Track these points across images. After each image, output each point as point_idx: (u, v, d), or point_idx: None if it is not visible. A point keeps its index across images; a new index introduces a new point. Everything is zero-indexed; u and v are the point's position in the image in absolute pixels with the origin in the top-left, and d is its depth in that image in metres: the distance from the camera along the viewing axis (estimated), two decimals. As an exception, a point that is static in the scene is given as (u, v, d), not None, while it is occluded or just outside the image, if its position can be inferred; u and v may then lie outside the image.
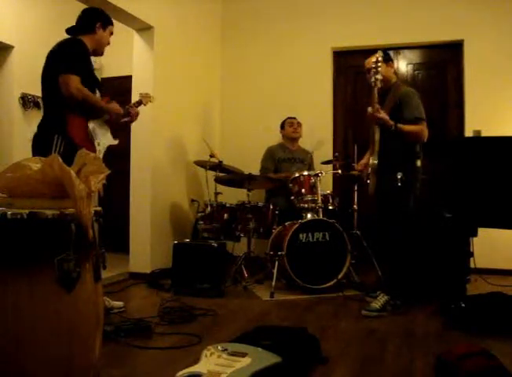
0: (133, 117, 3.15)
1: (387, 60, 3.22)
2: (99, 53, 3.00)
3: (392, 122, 3.01)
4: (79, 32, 2.86)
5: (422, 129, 3.09)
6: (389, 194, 3.09)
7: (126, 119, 3.11)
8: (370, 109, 3.08)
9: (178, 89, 4.39)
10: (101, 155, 2.88)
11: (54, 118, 2.72)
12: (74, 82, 2.64)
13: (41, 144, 2.68)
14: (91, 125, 2.84)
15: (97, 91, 2.91)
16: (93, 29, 2.88)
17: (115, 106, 2.98)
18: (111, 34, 3.01)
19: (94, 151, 2.79)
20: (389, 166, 3.05)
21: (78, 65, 2.70)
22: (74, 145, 2.61)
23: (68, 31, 2.91)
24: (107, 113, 2.93)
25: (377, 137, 3.04)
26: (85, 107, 2.75)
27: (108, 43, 3.01)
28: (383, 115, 3.02)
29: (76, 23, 2.93)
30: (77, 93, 2.65)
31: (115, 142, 3.05)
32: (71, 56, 2.71)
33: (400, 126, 3.02)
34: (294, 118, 4.74)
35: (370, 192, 3.11)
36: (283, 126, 4.76)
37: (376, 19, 4.88)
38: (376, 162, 3.02)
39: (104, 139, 2.94)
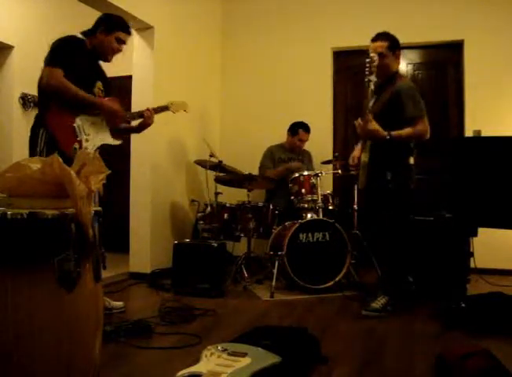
0: (147, 120, 3.09)
1: (394, 47, 3.03)
2: (103, 58, 2.94)
3: (385, 133, 2.83)
4: (85, 34, 2.88)
5: (422, 127, 2.93)
6: (378, 194, 3.00)
7: (125, 126, 3.07)
8: (359, 121, 2.88)
9: (178, 89, 4.39)
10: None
11: (40, 113, 2.74)
12: (53, 73, 2.62)
13: (31, 137, 2.70)
14: (79, 121, 2.76)
15: (100, 90, 2.88)
16: (94, 33, 2.88)
17: (107, 102, 2.86)
18: (121, 41, 2.91)
19: (80, 147, 2.71)
20: (379, 164, 2.95)
21: (61, 59, 2.66)
22: (56, 139, 2.62)
23: (82, 33, 2.92)
24: (97, 108, 2.82)
25: None
26: (70, 101, 2.69)
27: (115, 49, 2.90)
28: (375, 125, 2.83)
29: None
30: (53, 85, 2.61)
31: (116, 142, 2.96)
32: (54, 51, 2.71)
33: (394, 134, 2.85)
34: (308, 132, 4.59)
35: (361, 186, 3.08)
36: (294, 133, 4.60)
37: (376, 19, 4.87)
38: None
39: (97, 137, 2.84)
